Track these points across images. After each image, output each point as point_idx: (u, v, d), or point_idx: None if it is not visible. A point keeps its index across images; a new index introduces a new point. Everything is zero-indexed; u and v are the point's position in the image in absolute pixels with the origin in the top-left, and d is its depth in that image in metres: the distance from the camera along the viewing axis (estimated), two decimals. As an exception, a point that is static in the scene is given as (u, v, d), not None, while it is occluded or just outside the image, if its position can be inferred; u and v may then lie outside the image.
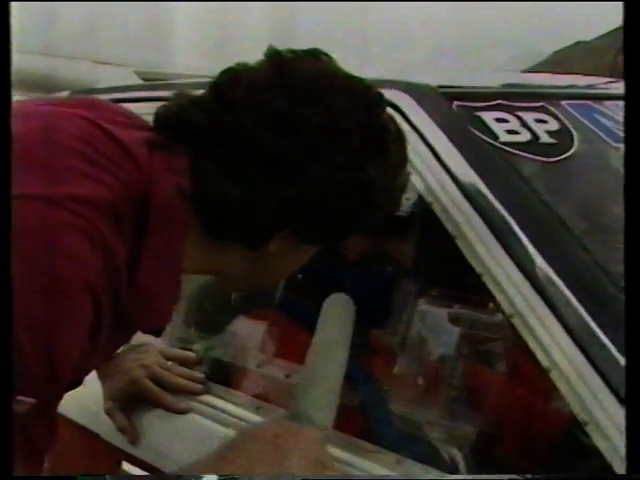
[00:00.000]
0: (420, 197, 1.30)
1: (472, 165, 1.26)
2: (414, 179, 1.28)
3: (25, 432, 0.93)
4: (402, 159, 1.14)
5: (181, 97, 1.11)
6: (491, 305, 1.23)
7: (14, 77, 0.88)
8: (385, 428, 1.33)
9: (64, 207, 0.94)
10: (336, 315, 1.28)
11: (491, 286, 1.18)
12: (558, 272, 1.13)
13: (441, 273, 1.37)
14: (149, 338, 1.42)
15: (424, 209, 1.30)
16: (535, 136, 1.36)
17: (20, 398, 0.90)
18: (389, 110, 1.17)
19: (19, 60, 0.94)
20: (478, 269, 1.19)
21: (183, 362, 1.51)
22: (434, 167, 1.29)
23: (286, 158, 1.02)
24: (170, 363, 1.48)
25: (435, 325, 1.34)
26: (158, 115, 1.11)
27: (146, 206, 1.02)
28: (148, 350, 1.48)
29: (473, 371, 1.40)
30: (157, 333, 1.16)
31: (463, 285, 1.29)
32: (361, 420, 1.37)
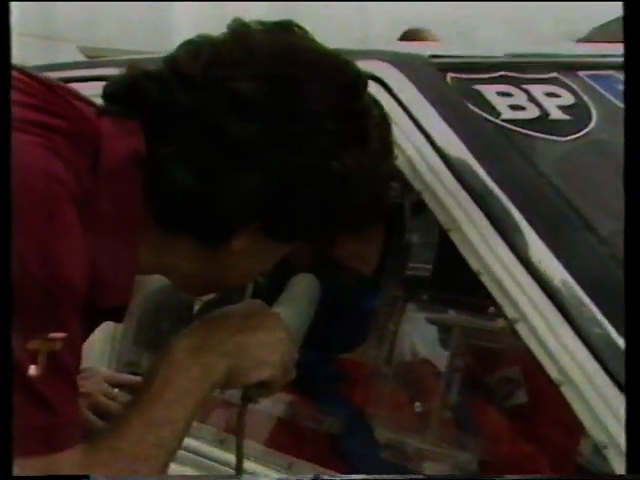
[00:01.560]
0: (407, 185, 1.27)
1: (469, 147, 1.24)
2: (400, 164, 1.24)
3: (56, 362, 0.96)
4: (386, 147, 1.12)
5: (134, 69, 1.09)
6: (492, 309, 1.22)
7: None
8: (369, 463, 1.31)
9: (28, 132, 0.97)
10: (301, 290, 1.27)
11: (491, 287, 1.16)
12: (570, 271, 1.11)
13: (433, 273, 1.35)
14: (93, 363, 1.39)
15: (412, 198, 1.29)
16: (544, 112, 1.33)
17: (51, 335, 0.94)
18: (374, 86, 1.15)
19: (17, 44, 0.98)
20: (475, 267, 1.17)
21: (132, 389, 1.44)
22: (424, 150, 1.25)
23: (249, 144, 1.01)
24: (116, 391, 1.40)
25: (427, 335, 1.32)
26: (107, 87, 1.10)
27: (95, 163, 1.01)
28: (91, 376, 1.40)
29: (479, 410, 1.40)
30: (117, 317, 1.12)
31: (459, 287, 1.28)
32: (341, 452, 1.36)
